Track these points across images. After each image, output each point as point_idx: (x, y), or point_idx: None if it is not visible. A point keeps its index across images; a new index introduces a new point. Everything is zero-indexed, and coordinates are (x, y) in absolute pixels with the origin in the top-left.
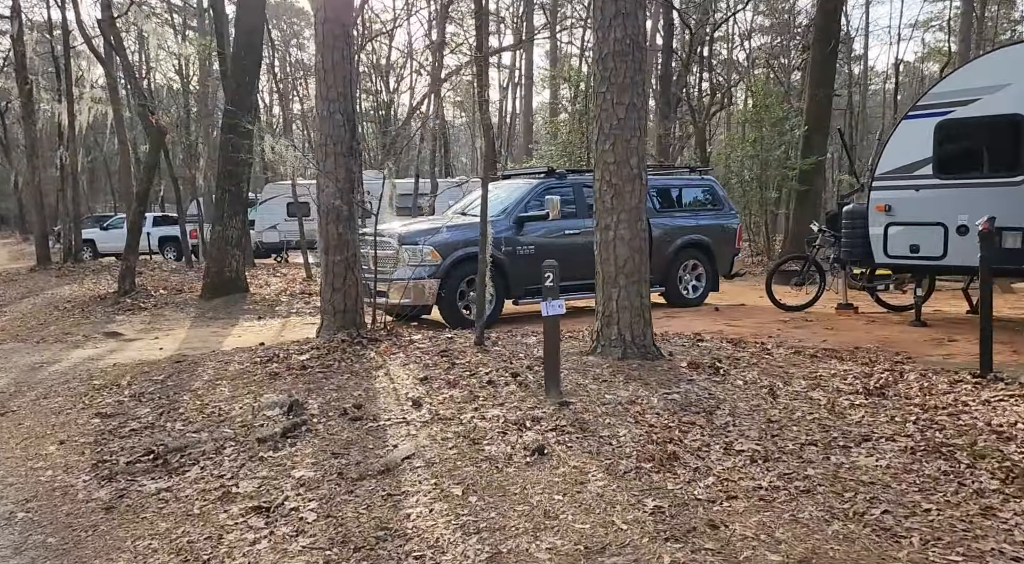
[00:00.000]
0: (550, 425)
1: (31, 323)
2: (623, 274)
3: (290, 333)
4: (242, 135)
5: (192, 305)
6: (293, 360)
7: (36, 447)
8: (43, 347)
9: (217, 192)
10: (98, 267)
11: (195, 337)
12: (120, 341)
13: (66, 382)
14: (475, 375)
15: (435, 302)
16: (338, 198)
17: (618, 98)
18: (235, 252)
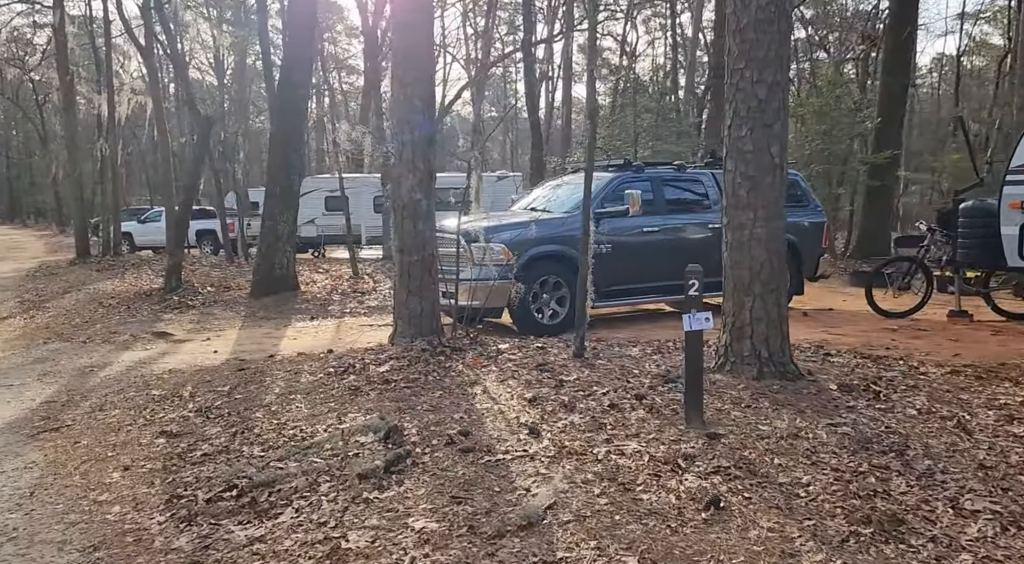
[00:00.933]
0: (708, 466)
1: (75, 320)
2: (759, 281)
3: (347, 335)
4: (294, 127)
5: (241, 303)
6: (372, 372)
7: (98, 473)
8: (91, 348)
9: (268, 186)
10: (137, 261)
11: (248, 339)
12: (170, 342)
13: (121, 391)
14: (591, 396)
15: (506, 305)
16: (418, 191)
17: (759, 75)
18: (286, 248)
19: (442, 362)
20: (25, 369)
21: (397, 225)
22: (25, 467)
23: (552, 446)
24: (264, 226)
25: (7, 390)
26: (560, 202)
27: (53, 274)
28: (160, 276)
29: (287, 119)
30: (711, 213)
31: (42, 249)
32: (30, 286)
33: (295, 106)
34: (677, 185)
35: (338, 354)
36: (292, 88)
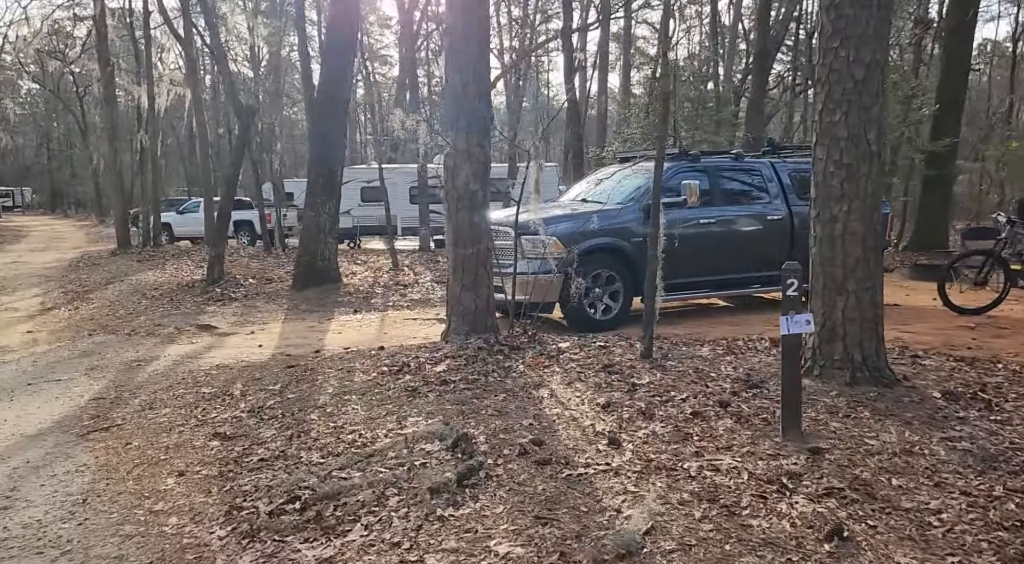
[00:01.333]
0: (818, 486)
1: (119, 312)
2: (854, 278)
3: (393, 330)
4: (335, 116)
5: (283, 296)
6: (428, 372)
7: (151, 478)
8: (136, 340)
9: (309, 176)
10: (177, 251)
11: (292, 333)
12: (215, 335)
13: (170, 387)
14: (669, 402)
15: (557, 300)
16: (474, 182)
17: (856, 54)
18: (328, 240)
19: (500, 362)
20: (72, 363)
21: (451, 217)
22: (76, 470)
23: (636, 459)
24: (306, 217)
25: (55, 385)
26: (612, 193)
27: (95, 264)
28: (200, 267)
29: (329, 108)
30: (769, 205)
31: (83, 239)
32: (73, 276)
33: (337, 94)
34: (734, 175)
35: (390, 352)
36: (334, 76)
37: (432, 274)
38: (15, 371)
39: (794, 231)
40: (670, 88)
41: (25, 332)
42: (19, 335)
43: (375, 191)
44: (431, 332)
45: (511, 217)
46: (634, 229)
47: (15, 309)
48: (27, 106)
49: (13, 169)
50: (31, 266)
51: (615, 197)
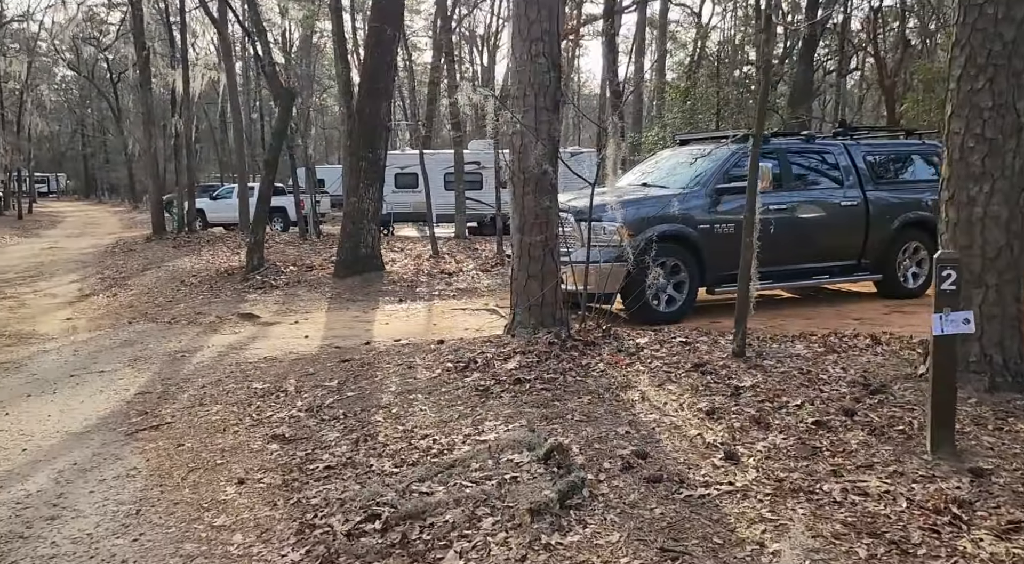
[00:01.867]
0: (1000, 520)
1: (159, 299)
2: (994, 270)
3: (442, 321)
4: (379, 98)
5: (325, 284)
6: (498, 369)
7: (209, 486)
8: (177, 330)
9: (352, 160)
10: (212, 238)
11: (338, 323)
12: (258, 325)
13: (219, 381)
14: (782, 409)
15: (618, 291)
16: (546, 162)
17: (1005, 11)
18: (371, 227)
19: (576, 359)
20: (114, 353)
21: (516, 201)
22: (127, 474)
23: (764, 478)
24: (348, 203)
25: (99, 377)
26: (674, 177)
27: (131, 250)
28: (236, 253)
29: (372, 90)
30: (843, 190)
31: (118, 225)
32: (109, 262)
33: (381, 75)
34: (805, 158)
35: (452, 346)
36: (379, 56)
37: (475, 263)
38: (57, 361)
39: (869, 219)
40: (771, 58)
41: (64, 319)
42: (59, 322)
43: (409, 177)
44: (483, 323)
45: (572, 201)
46: (700, 215)
47: (53, 295)
48: (62, 93)
49: (49, 155)
50: (68, 252)
51: (678, 181)
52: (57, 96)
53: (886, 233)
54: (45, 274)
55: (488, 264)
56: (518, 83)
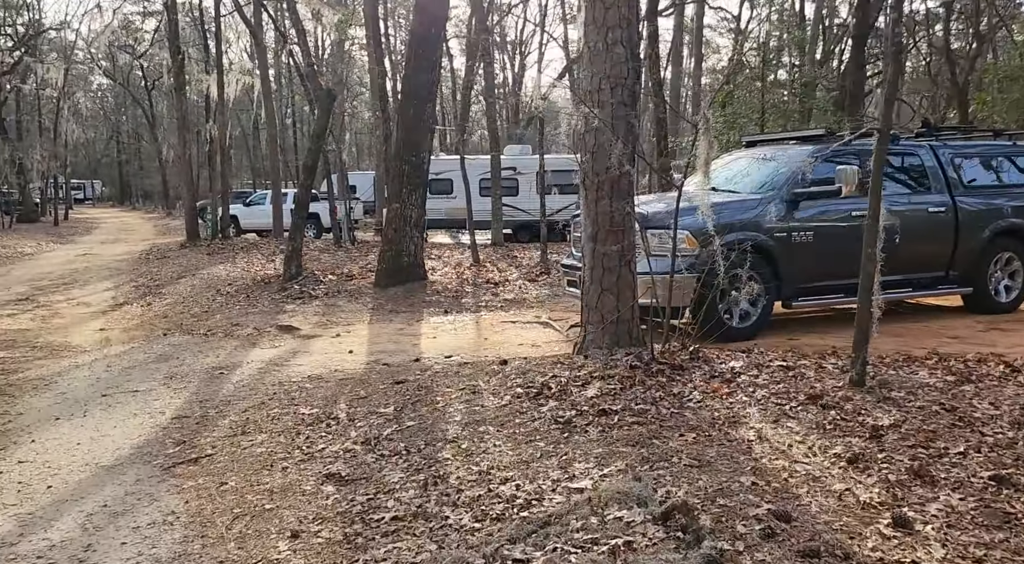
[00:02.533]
0: None
1: (194, 309)
2: None
3: (493, 335)
4: (423, 99)
5: (366, 294)
6: (577, 397)
7: (258, 539)
8: (214, 343)
9: (393, 164)
10: (246, 244)
11: (382, 336)
12: (298, 338)
13: (262, 404)
14: (942, 457)
15: (687, 304)
16: (626, 162)
17: None
18: (414, 234)
19: (665, 385)
20: (148, 369)
21: (589, 207)
22: (164, 521)
23: (955, 556)
24: (390, 209)
25: (132, 398)
26: (744, 181)
27: (165, 257)
28: (271, 261)
29: (417, 90)
30: (930, 196)
31: (151, 231)
32: (144, 269)
33: (425, 76)
34: (889, 160)
35: (519, 367)
36: (423, 57)
37: (519, 272)
38: (89, 378)
39: (958, 227)
40: (901, 42)
41: (98, 330)
42: (91, 333)
43: (442, 183)
44: (537, 337)
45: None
46: (775, 222)
47: (87, 304)
48: (97, 101)
49: (84, 162)
50: (102, 258)
51: (749, 186)
52: (92, 103)
53: (976, 242)
54: (79, 281)
55: (533, 273)
56: (591, 75)
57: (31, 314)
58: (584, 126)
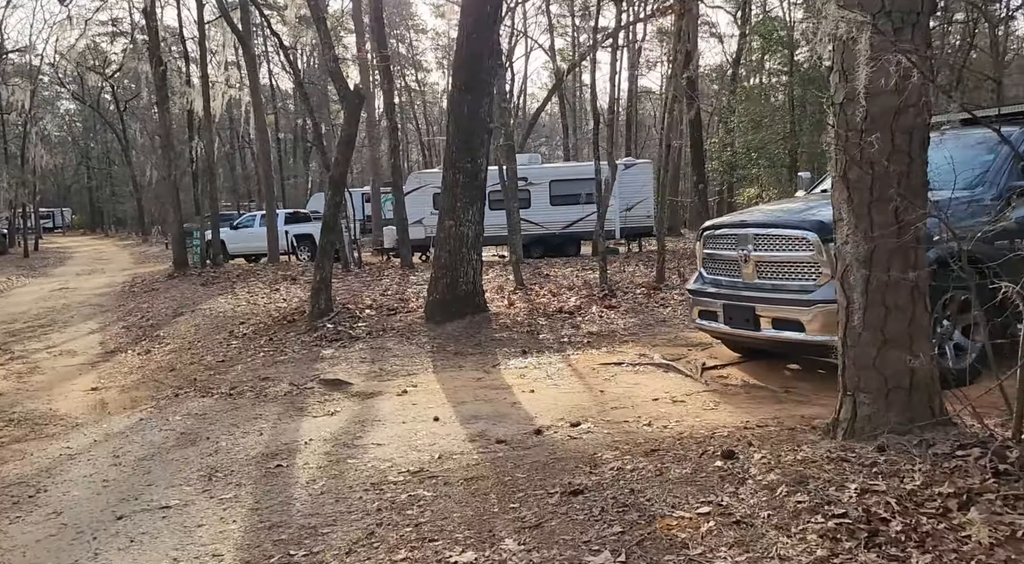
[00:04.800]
0: None
1: (206, 358)
2: None
3: (610, 385)
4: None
5: (419, 332)
6: (950, 542)
7: None
8: (247, 409)
9: (447, 174)
10: (241, 272)
11: (462, 391)
12: (354, 397)
13: (372, 539)
14: None
15: None
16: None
17: None
18: (472, 256)
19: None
20: (172, 459)
21: (856, 211)
22: None
23: None
24: (442, 228)
25: (163, 522)
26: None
27: (152, 290)
28: (276, 290)
29: (472, 81)
30: None
31: (129, 260)
32: (131, 305)
33: (482, 64)
34: None
35: (763, 465)
36: (477, 42)
37: (576, 294)
38: (90, 481)
39: None
40: None
41: (89, 390)
42: (81, 395)
43: None
44: (667, 386)
45: (798, 214)
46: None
47: (71, 352)
48: (65, 126)
49: (54, 189)
50: (80, 293)
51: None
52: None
53: None
54: (58, 322)
55: (593, 295)
56: None
57: (5, 370)
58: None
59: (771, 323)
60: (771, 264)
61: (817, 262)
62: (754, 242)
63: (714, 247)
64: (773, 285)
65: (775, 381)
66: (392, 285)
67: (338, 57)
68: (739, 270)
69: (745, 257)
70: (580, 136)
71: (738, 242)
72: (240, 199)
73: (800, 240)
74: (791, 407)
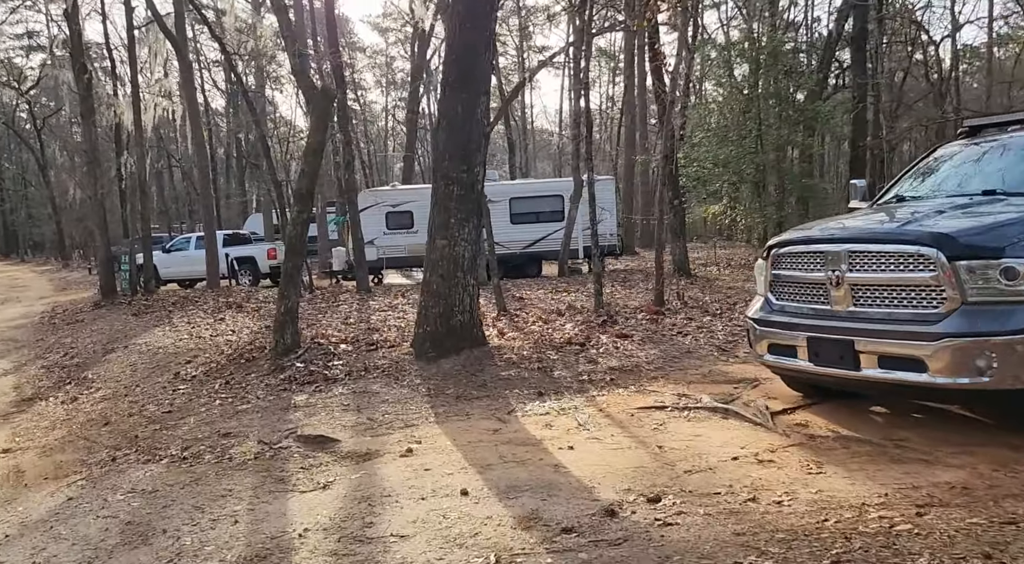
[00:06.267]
0: None
1: (149, 407)
2: None
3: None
4: (477, 90)
5: (408, 371)
6: None
7: None
8: (212, 483)
9: (438, 185)
10: (177, 299)
11: (481, 448)
12: (348, 461)
13: None
14: None
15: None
16: None
17: None
18: (468, 281)
19: None
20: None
21: None
22: None
23: None
24: (433, 248)
25: None
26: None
27: (76, 321)
28: (222, 320)
29: (466, 77)
30: None
31: (48, 287)
32: (52, 340)
33: (475, 58)
34: None
35: None
36: (471, 32)
37: (571, 323)
38: None
39: None
40: None
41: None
42: None
43: (402, 216)
44: (735, 438)
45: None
46: None
47: None
48: None
49: None
50: None
51: None
52: None
53: None
54: None
55: (591, 320)
56: None
57: None
58: None
59: (876, 361)
60: (874, 288)
61: (940, 285)
62: (849, 261)
63: (790, 267)
64: (878, 314)
65: (870, 430)
66: (352, 312)
67: (303, 53)
68: (827, 295)
69: (836, 279)
70: (529, 154)
71: (826, 261)
72: (171, 221)
73: (915, 258)
74: (919, 469)
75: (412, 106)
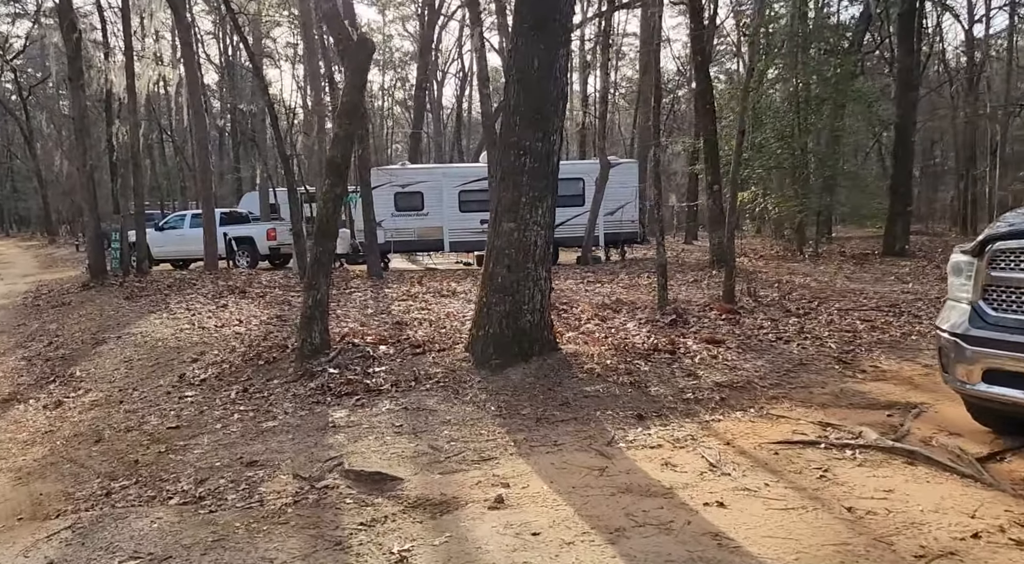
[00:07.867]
0: None
1: (150, 420)
2: None
3: (849, 495)
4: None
5: (470, 382)
6: None
7: None
8: (240, 539)
9: (505, 155)
10: (173, 282)
11: (597, 502)
12: (419, 513)
13: None
14: None
15: None
16: None
17: None
18: (540, 273)
19: None
20: None
21: None
22: None
23: None
24: (499, 233)
25: None
26: None
27: (63, 304)
28: (224, 307)
29: (540, 24)
30: None
31: (33, 264)
32: (35, 326)
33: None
34: None
35: None
36: None
37: (632, 321)
38: None
39: None
40: None
41: None
42: None
43: (412, 197)
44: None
45: None
46: None
47: None
48: None
49: None
50: None
51: None
52: None
53: None
54: None
55: (655, 318)
56: None
57: None
58: None
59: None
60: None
61: None
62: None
63: (1005, 267)
64: None
65: None
66: (368, 301)
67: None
68: None
69: None
70: None
71: None
72: (164, 197)
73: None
74: None
75: (420, 81)
